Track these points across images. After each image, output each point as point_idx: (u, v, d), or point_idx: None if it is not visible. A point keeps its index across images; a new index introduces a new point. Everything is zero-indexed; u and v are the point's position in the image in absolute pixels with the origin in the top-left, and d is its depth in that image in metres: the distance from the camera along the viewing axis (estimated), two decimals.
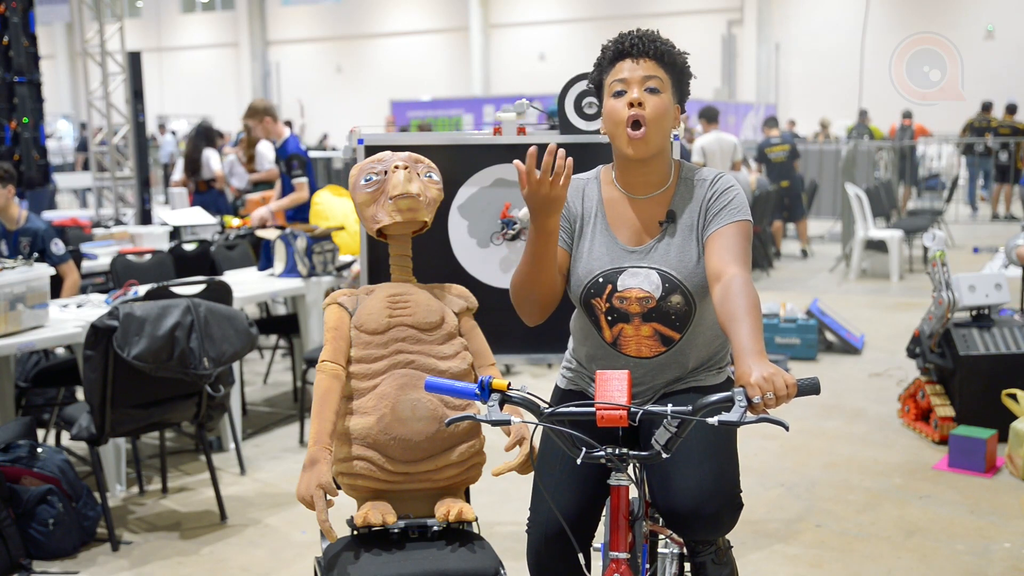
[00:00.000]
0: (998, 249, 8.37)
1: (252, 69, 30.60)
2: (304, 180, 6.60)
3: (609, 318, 2.19)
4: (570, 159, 1.99)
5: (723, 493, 2.06)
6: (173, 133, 19.31)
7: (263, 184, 9.38)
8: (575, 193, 2.25)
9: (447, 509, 2.39)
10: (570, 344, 2.38)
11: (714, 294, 2.02)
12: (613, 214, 2.22)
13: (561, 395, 2.37)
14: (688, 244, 2.17)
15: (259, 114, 6.53)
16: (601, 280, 2.17)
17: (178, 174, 10.38)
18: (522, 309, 2.22)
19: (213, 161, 9.47)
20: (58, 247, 5.15)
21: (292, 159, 6.58)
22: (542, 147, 1.99)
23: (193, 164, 9.42)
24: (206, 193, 9.43)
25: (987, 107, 15.47)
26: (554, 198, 2.00)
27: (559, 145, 2.14)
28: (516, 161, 2.00)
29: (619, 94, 2.12)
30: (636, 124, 2.09)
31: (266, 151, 9.60)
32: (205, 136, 9.63)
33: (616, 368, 2.22)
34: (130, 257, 5.70)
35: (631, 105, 2.10)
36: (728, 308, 1.94)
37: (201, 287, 4.30)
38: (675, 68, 2.16)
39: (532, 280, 2.14)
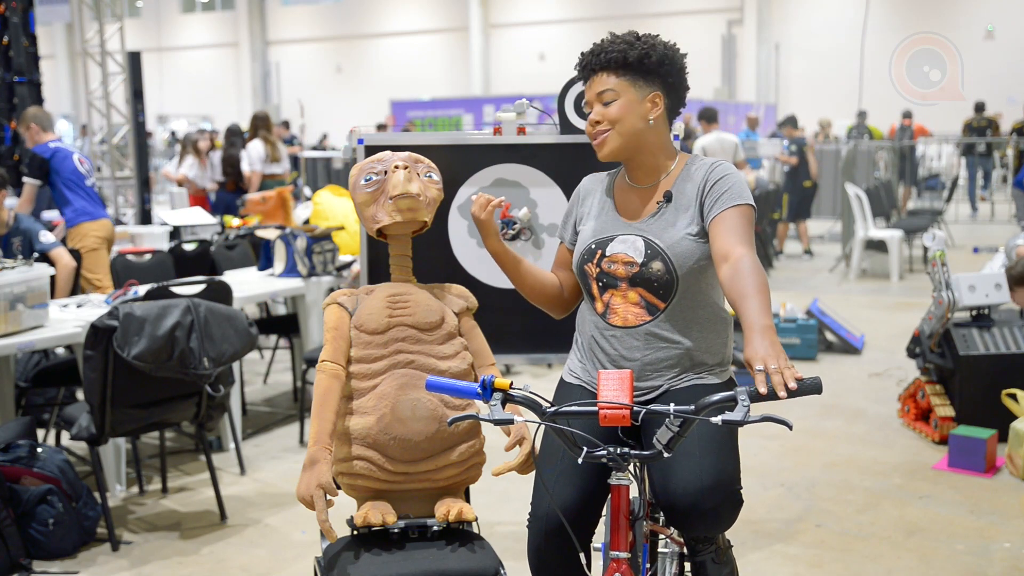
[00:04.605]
0: (998, 249, 8.37)
1: (252, 69, 30.61)
2: (30, 181, 5.94)
3: (599, 283, 2.28)
4: (496, 202, 2.42)
5: (722, 488, 2.06)
6: (173, 133, 19.31)
7: (268, 182, 9.42)
8: (592, 187, 2.45)
9: (447, 509, 2.39)
10: (575, 337, 2.41)
11: (722, 274, 2.10)
12: (619, 199, 2.37)
13: (563, 386, 2.39)
14: (678, 219, 2.26)
15: (26, 120, 6.07)
16: (594, 246, 2.30)
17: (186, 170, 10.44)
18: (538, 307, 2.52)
19: (244, 161, 9.59)
20: (46, 237, 5.27)
21: (28, 158, 6.01)
22: None
23: (233, 163, 9.55)
24: (234, 193, 9.55)
25: (980, 107, 15.46)
26: (484, 223, 2.41)
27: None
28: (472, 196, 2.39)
29: (589, 112, 2.32)
30: (597, 135, 2.30)
31: (251, 150, 9.63)
32: (239, 135, 9.78)
33: (607, 343, 2.27)
34: (130, 257, 5.70)
35: (590, 123, 2.30)
36: (737, 287, 2.02)
37: (201, 287, 4.30)
38: (630, 65, 2.26)
39: (519, 288, 2.47)
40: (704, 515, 2.05)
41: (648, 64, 2.25)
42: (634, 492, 2.11)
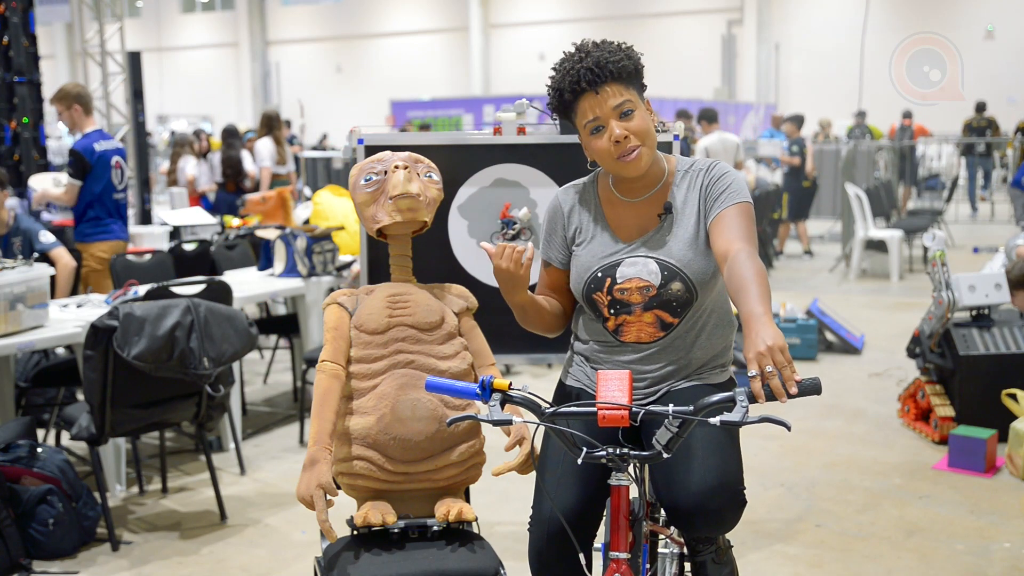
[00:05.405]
0: (998, 249, 8.37)
1: (252, 69, 30.60)
2: (74, 183, 5.64)
3: (612, 311, 2.21)
4: (530, 253, 2.14)
5: (727, 489, 2.06)
6: (173, 133, 19.28)
7: (273, 182, 9.45)
8: (572, 202, 2.31)
9: (447, 509, 2.39)
10: (572, 339, 2.40)
11: (723, 272, 2.04)
12: (612, 215, 2.26)
13: (563, 391, 2.38)
14: (686, 232, 2.19)
15: (68, 99, 5.67)
16: (600, 275, 2.21)
17: (190, 172, 10.49)
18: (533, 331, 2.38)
19: (247, 161, 9.63)
20: (46, 236, 5.23)
21: (70, 154, 5.69)
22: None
23: (233, 164, 9.60)
24: (234, 193, 9.58)
25: (981, 107, 15.45)
26: (518, 277, 2.16)
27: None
28: (483, 244, 2.19)
29: (597, 130, 2.14)
30: (629, 152, 2.12)
31: (262, 149, 9.66)
32: (237, 136, 9.82)
33: (616, 357, 2.24)
34: (130, 257, 5.69)
35: (616, 141, 2.11)
36: (735, 281, 1.96)
37: (201, 287, 4.30)
38: (633, 73, 2.15)
39: (524, 323, 2.31)
40: (708, 516, 2.05)
41: (641, 71, 2.19)
42: (634, 493, 2.11)
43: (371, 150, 2.92)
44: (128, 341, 3.51)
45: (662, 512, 2.31)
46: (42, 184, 6.16)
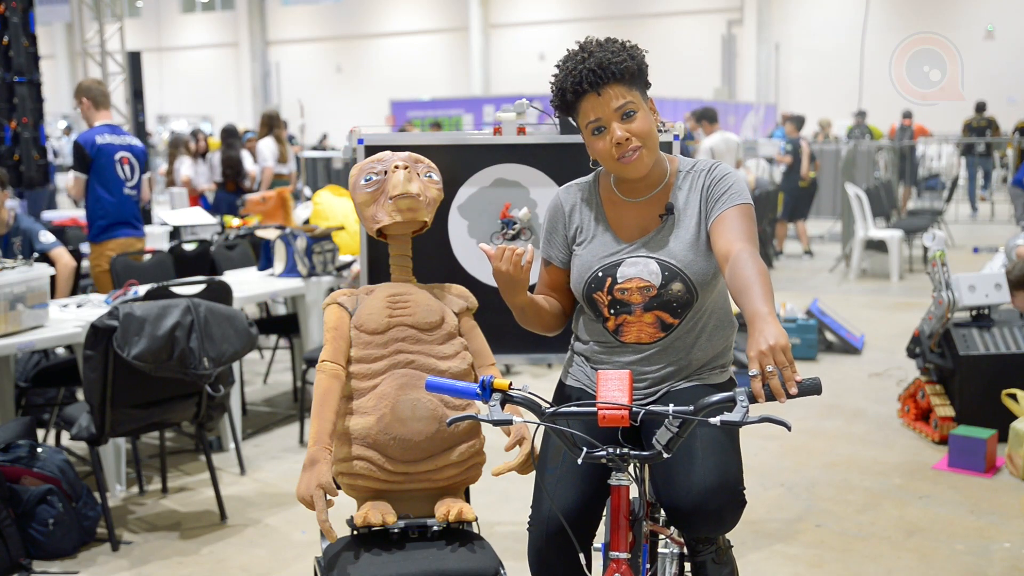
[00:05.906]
0: (998, 249, 8.37)
1: (252, 69, 30.61)
2: (79, 176, 5.60)
3: (612, 311, 2.21)
4: (529, 255, 2.12)
5: (727, 489, 2.06)
6: (172, 133, 19.27)
7: (275, 182, 9.47)
8: (573, 201, 2.31)
9: (447, 509, 2.39)
10: (572, 339, 2.39)
11: (725, 274, 2.03)
12: (613, 215, 2.26)
13: (563, 391, 2.38)
14: (687, 233, 2.19)
15: (79, 94, 5.67)
16: (600, 274, 2.21)
17: (184, 171, 10.51)
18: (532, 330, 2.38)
19: (247, 161, 9.65)
20: (46, 236, 5.22)
21: (72, 147, 5.63)
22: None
23: (233, 164, 9.63)
24: (234, 193, 9.60)
25: (981, 107, 15.45)
26: (518, 279, 2.15)
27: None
28: (482, 245, 2.17)
29: (598, 131, 2.13)
30: (630, 153, 2.11)
31: (264, 148, 9.67)
32: (236, 136, 9.85)
33: (616, 358, 2.24)
34: (130, 257, 5.69)
35: (618, 143, 2.10)
36: (737, 281, 1.95)
37: (201, 287, 4.30)
38: (636, 74, 2.14)
39: (523, 323, 2.31)
40: (708, 516, 2.05)
41: (645, 70, 2.17)
42: (634, 493, 2.11)
43: (371, 150, 2.92)
44: (128, 341, 3.51)
45: (662, 512, 2.31)
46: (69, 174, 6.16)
